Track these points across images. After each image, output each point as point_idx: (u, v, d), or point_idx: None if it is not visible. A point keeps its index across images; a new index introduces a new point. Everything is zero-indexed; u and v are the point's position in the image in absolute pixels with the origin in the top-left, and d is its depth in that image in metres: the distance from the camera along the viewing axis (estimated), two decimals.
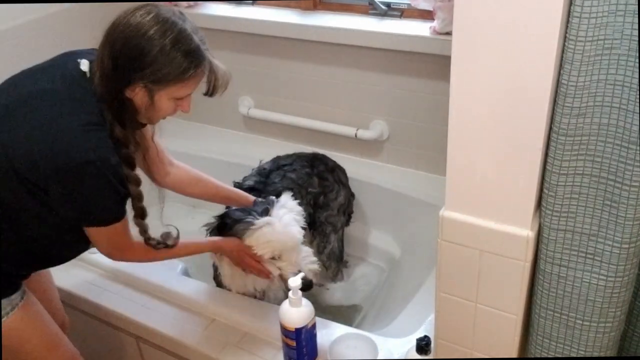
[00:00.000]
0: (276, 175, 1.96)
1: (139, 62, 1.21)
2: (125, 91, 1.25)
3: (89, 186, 1.23)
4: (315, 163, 2.11)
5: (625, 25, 0.90)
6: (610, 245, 1.05)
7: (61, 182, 1.22)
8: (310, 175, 2.04)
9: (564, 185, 1.05)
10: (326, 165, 2.13)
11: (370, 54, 2.11)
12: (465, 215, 1.15)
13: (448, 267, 1.22)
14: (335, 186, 2.11)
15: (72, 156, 1.20)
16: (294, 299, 1.45)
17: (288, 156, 2.12)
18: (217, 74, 1.32)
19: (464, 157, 1.10)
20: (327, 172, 2.11)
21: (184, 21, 1.26)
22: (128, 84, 1.24)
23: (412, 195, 2.17)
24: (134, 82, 1.23)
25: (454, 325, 1.29)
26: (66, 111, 1.23)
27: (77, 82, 1.27)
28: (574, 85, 0.96)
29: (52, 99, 1.25)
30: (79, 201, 1.26)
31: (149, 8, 1.23)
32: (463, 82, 1.04)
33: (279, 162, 2.06)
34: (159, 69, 1.22)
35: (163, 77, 1.23)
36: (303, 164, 2.06)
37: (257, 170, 2.01)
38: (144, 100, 1.27)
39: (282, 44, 2.28)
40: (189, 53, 1.24)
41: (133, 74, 1.22)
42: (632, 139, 0.96)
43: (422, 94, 2.10)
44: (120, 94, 1.25)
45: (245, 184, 1.91)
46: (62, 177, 1.22)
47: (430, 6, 1.93)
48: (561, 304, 1.15)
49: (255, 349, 1.63)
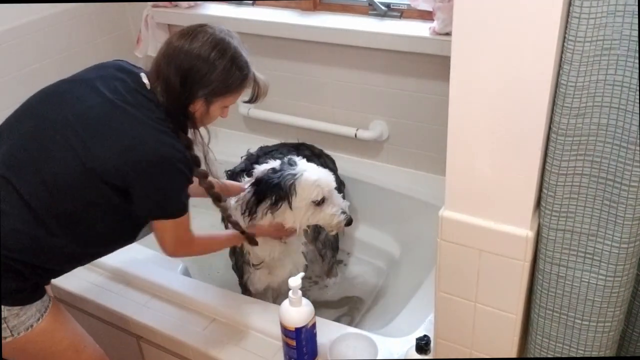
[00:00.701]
0: (264, 159, 1.98)
1: (204, 80, 1.38)
2: (189, 106, 1.41)
3: (169, 180, 1.36)
4: (301, 148, 2.14)
5: (624, 25, 0.90)
6: (610, 245, 1.06)
7: (144, 178, 1.33)
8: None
9: (563, 185, 1.05)
10: (312, 151, 2.16)
11: (370, 54, 2.11)
12: (464, 215, 1.15)
13: (448, 267, 1.22)
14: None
15: (156, 152, 1.32)
16: (294, 299, 1.45)
17: (273, 145, 2.16)
18: (259, 84, 1.51)
19: (463, 157, 1.11)
20: (313, 156, 2.12)
21: (233, 38, 1.43)
22: (193, 99, 1.40)
23: (412, 195, 2.17)
24: (199, 97, 1.40)
25: (453, 325, 1.29)
26: (142, 115, 1.35)
27: (143, 95, 1.39)
28: (573, 86, 0.96)
29: (126, 107, 1.35)
30: (159, 195, 1.37)
31: (206, 30, 1.40)
32: (463, 82, 1.04)
33: (265, 149, 2.12)
34: (221, 84, 1.40)
35: (224, 90, 1.42)
36: (289, 149, 2.11)
37: (245, 157, 2.06)
38: (201, 111, 1.43)
39: (282, 44, 2.29)
40: (242, 68, 1.43)
41: (199, 91, 1.39)
42: (631, 139, 0.96)
43: (422, 94, 2.10)
44: (185, 110, 1.41)
45: (237, 169, 1.98)
46: (146, 173, 1.32)
47: (430, 7, 1.94)
48: (560, 304, 1.15)
49: (255, 349, 1.63)
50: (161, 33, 2.50)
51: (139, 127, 1.33)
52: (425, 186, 2.16)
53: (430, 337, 1.38)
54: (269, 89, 1.53)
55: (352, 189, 2.29)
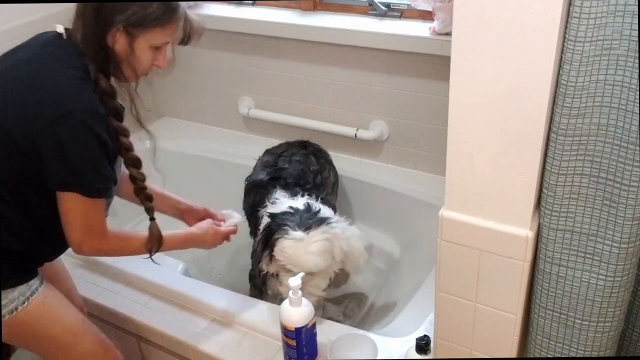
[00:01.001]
0: (282, 162, 2.01)
1: (121, 5, 1.27)
2: (107, 38, 1.30)
3: (79, 139, 1.24)
4: (305, 145, 2.17)
5: (624, 25, 0.90)
6: (610, 245, 1.06)
7: (52, 136, 1.22)
8: (307, 155, 2.10)
9: (563, 185, 1.05)
10: (314, 147, 2.19)
11: (370, 54, 2.11)
12: (464, 215, 1.15)
13: (448, 267, 1.22)
14: (327, 166, 2.16)
15: (62, 105, 1.23)
16: (294, 299, 1.45)
17: (278, 146, 2.17)
18: (192, 23, 1.40)
19: (463, 157, 1.11)
20: (317, 151, 2.17)
21: None
22: (109, 28, 1.28)
23: (412, 195, 2.17)
24: (115, 24, 1.28)
25: (453, 325, 1.29)
26: (51, 68, 1.27)
27: (57, 44, 1.32)
28: (573, 86, 0.96)
29: (36, 62, 1.29)
30: (70, 158, 1.25)
31: None
32: (463, 82, 1.04)
33: (274, 151, 2.12)
34: (140, 11, 1.28)
35: (144, 20, 1.29)
36: (297, 147, 2.13)
37: (260, 167, 2.05)
38: (124, 48, 1.32)
39: (282, 44, 2.29)
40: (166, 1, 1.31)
41: (115, 16, 1.27)
42: (631, 139, 0.96)
43: (422, 94, 2.10)
44: (102, 41, 1.30)
45: (258, 178, 1.96)
46: (53, 130, 1.22)
47: (430, 7, 1.93)
48: (560, 304, 1.15)
49: (255, 349, 1.63)
50: None
51: (42, 82, 1.25)
52: (425, 186, 2.16)
53: (430, 337, 1.38)
54: (204, 30, 1.42)
55: (352, 189, 2.29)
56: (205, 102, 2.63)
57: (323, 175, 2.12)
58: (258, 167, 2.08)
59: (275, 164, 2.03)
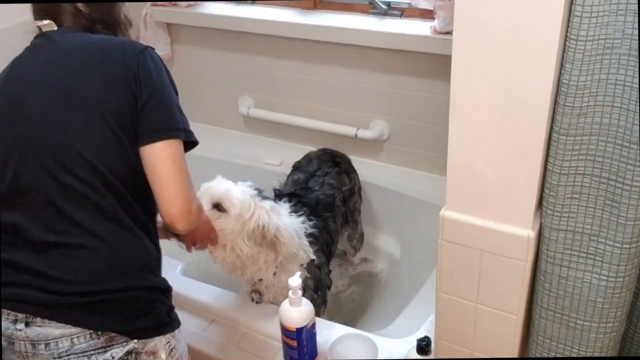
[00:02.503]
0: (314, 183, 1.98)
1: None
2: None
3: (164, 69, 1.20)
4: (336, 159, 2.13)
5: (626, 24, 0.90)
6: (611, 246, 1.05)
7: (144, 64, 1.16)
8: (340, 174, 2.08)
9: (565, 185, 1.04)
10: (342, 158, 2.16)
11: (371, 53, 2.11)
12: (465, 215, 1.15)
13: (448, 267, 1.22)
14: (354, 174, 2.16)
15: (138, 44, 1.21)
16: (294, 299, 1.44)
17: (308, 161, 2.11)
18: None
19: (464, 157, 1.10)
20: (346, 163, 2.15)
21: None
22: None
23: (412, 195, 2.17)
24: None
25: (454, 326, 1.29)
26: (103, 36, 1.25)
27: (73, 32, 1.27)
28: (575, 85, 0.95)
29: (90, 37, 1.24)
30: (166, 90, 1.18)
31: None
32: (463, 81, 1.04)
33: (306, 169, 2.06)
34: None
35: None
36: (329, 165, 2.08)
37: (291, 184, 2.02)
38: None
39: (282, 43, 2.28)
40: None
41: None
42: (633, 139, 0.96)
43: (423, 94, 2.10)
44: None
45: (285, 191, 1.93)
46: (144, 58, 1.17)
47: (431, 5, 1.93)
48: (562, 304, 1.15)
49: (255, 349, 1.63)
50: (160, 32, 2.49)
51: (105, 43, 1.21)
52: (425, 186, 2.16)
53: (431, 338, 1.38)
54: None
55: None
56: (205, 102, 2.63)
57: (353, 184, 2.12)
58: (289, 184, 2.03)
59: (306, 182, 1.98)
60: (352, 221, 2.15)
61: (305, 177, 2.01)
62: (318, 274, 1.80)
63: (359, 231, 2.21)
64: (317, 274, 1.79)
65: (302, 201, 1.86)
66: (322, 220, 1.86)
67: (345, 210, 2.07)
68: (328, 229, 1.89)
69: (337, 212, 1.96)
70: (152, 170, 1.14)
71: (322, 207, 1.90)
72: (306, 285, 1.74)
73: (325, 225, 1.87)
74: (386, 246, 2.29)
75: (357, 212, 2.18)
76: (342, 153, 2.20)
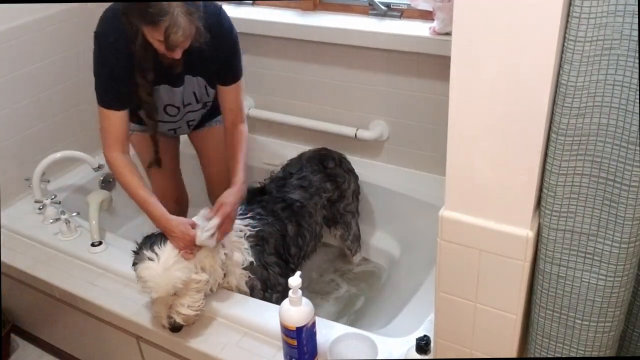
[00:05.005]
0: (289, 185, 1.99)
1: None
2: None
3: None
4: (325, 162, 2.12)
5: (624, 25, 0.90)
6: (610, 245, 1.06)
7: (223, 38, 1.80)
8: (323, 180, 2.06)
9: (564, 185, 1.05)
10: (334, 160, 2.15)
11: (370, 54, 2.11)
12: (465, 215, 1.15)
13: (448, 267, 1.22)
14: (346, 176, 2.15)
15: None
16: (294, 298, 1.45)
17: (297, 161, 2.12)
18: (175, 22, 1.50)
19: (463, 157, 1.11)
20: (337, 167, 2.13)
21: None
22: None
23: (412, 195, 2.17)
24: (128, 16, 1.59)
25: (453, 325, 1.29)
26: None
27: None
28: (574, 86, 0.96)
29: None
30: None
31: None
32: (463, 82, 1.04)
33: (288, 169, 2.08)
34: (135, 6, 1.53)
35: (139, 15, 1.52)
36: (314, 168, 2.07)
37: (271, 180, 2.04)
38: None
39: (282, 44, 2.29)
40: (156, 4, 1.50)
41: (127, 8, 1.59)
42: (631, 139, 0.96)
43: (422, 94, 2.10)
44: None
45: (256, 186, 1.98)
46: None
47: (430, 6, 1.94)
48: (561, 304, 1.15)
49: (255, 349, 1.63)
50: None
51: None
52: (425, 186, 2.17)
53: (431, 337, 1.38)
54: (182, 34, 1.51)
55: None
56: None
57: (342, 188, 2.12)
58: (279, 169, 2.08)
59: (289, 177, 2.01)
60: (342, 222, 2.16)
61: (284, 176, 2.03)
62: (265, 274, 1.81)
63: (353, 233, 2.21)
64: (263, 275, 1.80)
65: (265, 199, 1.90)
66: (279, 222, 1.86)
67: (334, 213, 2.10)
68: (285, 231, 1.89)
69: (307, 216, 1.96)
70: None
71: (287, 209, 1.91)
72: (252, 286, 1.78)
73: (282, 228, 1.87)
74: (386, 246, 2.30)
75: (350, 214, 2.17)
76: (338, 154, 2.19)
